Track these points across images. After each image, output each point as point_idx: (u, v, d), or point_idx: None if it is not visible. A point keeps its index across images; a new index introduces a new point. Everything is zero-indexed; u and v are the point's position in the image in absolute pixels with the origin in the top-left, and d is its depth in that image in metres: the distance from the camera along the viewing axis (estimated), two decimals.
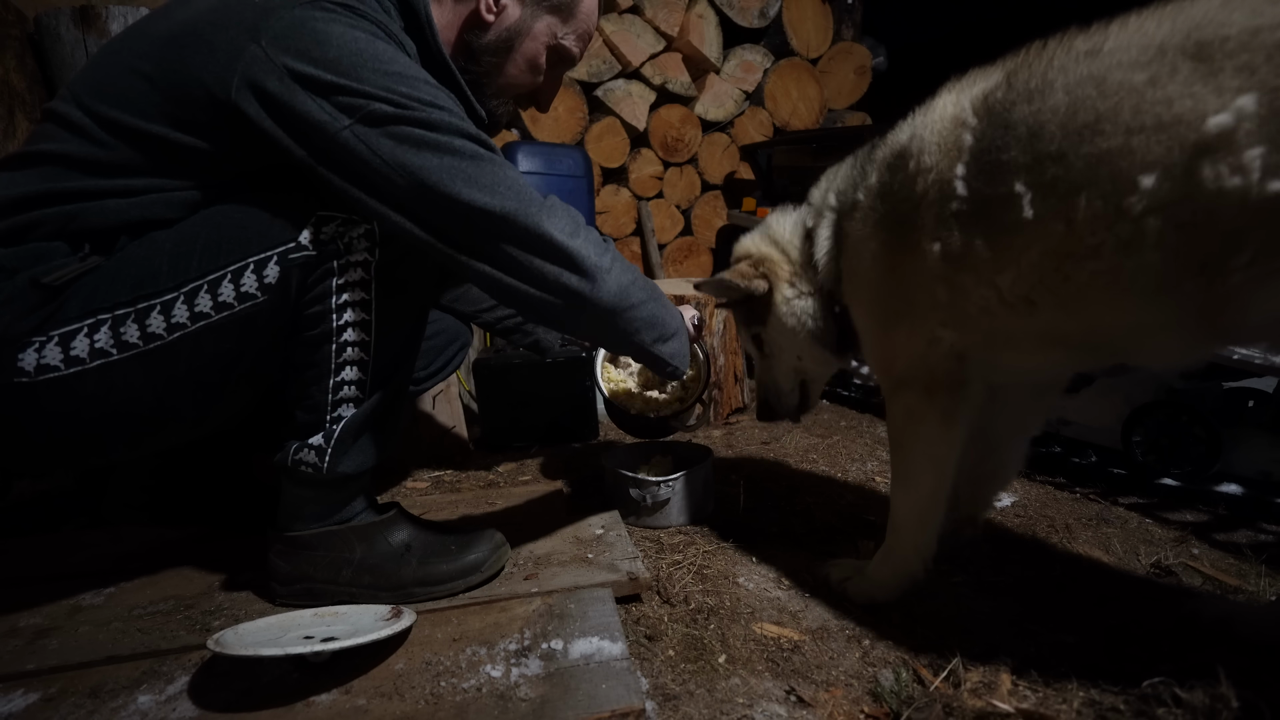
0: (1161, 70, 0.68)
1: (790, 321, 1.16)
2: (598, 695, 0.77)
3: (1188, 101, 0.66)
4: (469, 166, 0.83)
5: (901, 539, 1.03)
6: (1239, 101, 0.64)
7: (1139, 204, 0.70)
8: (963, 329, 0.91)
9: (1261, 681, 0.76)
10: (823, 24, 3.56)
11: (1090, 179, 0.73)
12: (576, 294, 0.89)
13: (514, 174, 0.88)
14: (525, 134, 3.01)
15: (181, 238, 0.86)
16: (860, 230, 1.00)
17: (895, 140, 0.96)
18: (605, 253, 0.93)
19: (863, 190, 1.00)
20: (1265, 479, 1.41)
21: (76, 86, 0.88)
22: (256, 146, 0.84)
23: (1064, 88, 0.75)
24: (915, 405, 0.98)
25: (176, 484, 1.30)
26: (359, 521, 1.01)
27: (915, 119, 0.94)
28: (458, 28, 1.03)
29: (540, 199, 0.88)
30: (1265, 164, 0.63)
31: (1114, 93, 0.71)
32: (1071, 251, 0.76)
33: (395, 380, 0.99)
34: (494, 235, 0.85)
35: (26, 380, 0.81)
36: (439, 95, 0.86)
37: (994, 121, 0.82)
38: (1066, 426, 1.70)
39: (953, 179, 0.85)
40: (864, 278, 1.02)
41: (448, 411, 1.89)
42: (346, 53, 0.81)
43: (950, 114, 0.88)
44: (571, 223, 0.90)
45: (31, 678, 0.84)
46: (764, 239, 1.21)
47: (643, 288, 0.98)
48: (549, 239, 0.86)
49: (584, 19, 1.08)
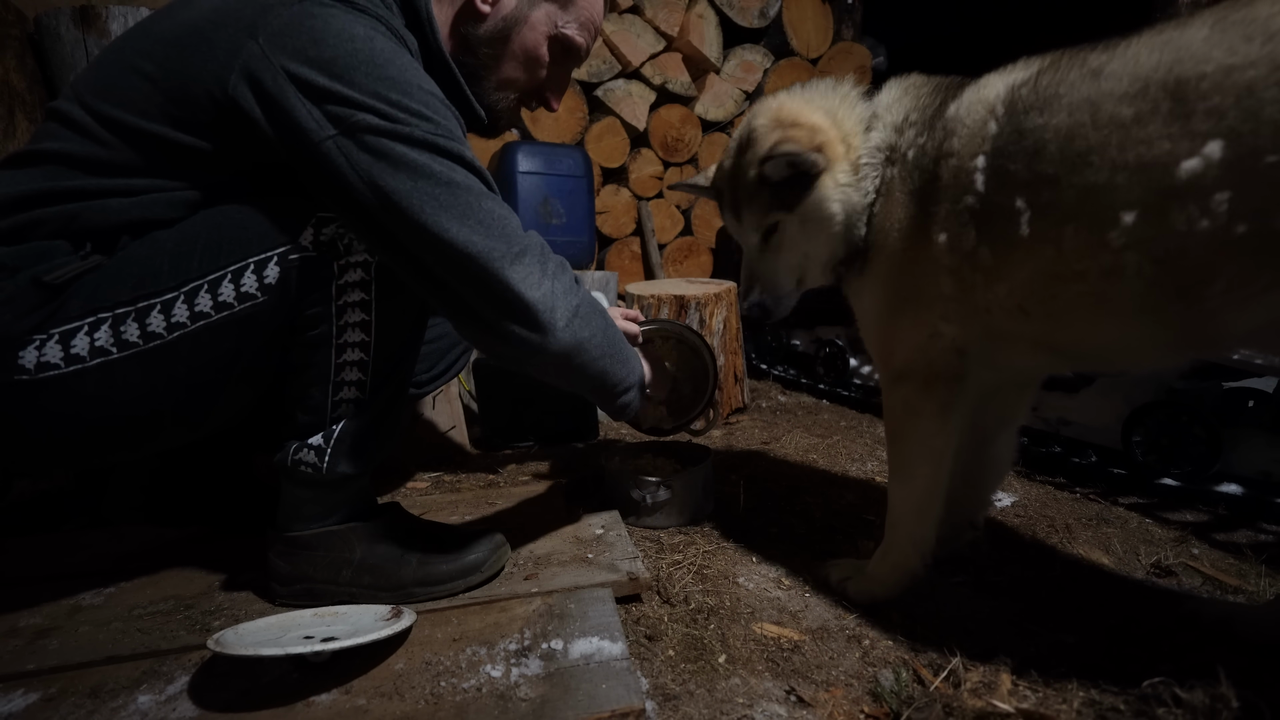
0: (1145, 107, 0.69)
1: (834, 209, 0.99)
2: (598, 695, 0.77)
3: (1165, 144, 0.68)
4: (443, 194, 0.81)
5: (899, 534, 1.03)
6: (1208, 148, 0.65)
7: (1120, 239, 0.72)
8: (964, 324, 0.92)
9: (1261, 681, 0.77)
10: (823, 24, 3.56)
11: (1079, 211, 0.74)
12: (525, 343, 0.87)
13: (491, 205, 0.85)
14: (525, 134, 3.01)
15: (182, 237, 0.86)
16: (895, 193, 0.95)
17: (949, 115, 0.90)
18: (570, 304, 0.90)
19: (914, 149, 0.93)
20: (1265, 479, 1.41)
21: (79, 86, 0.88)
22: (253, 143, 0.84)
23: (1068, 107, 0.76)
24: (913, 398, 0.98)
25: (176, 484, 1.30)
26: (359, 521, 1.01)
27: (965, 95, 0.89)
28: (455, 20, 1.02)
29: (514, 240, 0.85)
30: (1232, 209, 0.65)
31: (1105, 125, 0.72)
32: (1060, 273, 0.79)
33: (395, 381, 0.99)
34: (452, 269, 0.83)
35: (27, 378, 0.81)
36: (431, 103, 0.84)
37: (1013, 121, 0.81)
38: (1066, 426, 1.70)
39: (973, 171, 0.84)
40: (883, 249, 0.97)
41: (448, 412, 1.89)
42: (343, 52, 0.80)
43: (988, 99, 0.85)
44: (539, 270, 0.87)
45: (31, 678, 0.84)
46: (818, 109, 1.02)
47: (600, 343, 0.95)
48: (507, 288, 0.84)
49: (585, 7, 1.05)
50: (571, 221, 2.77)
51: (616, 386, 1.00)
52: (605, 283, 2.59)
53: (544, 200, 2.70)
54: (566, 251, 2.77)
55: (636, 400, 1.07)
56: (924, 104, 0.96)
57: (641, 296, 2.25)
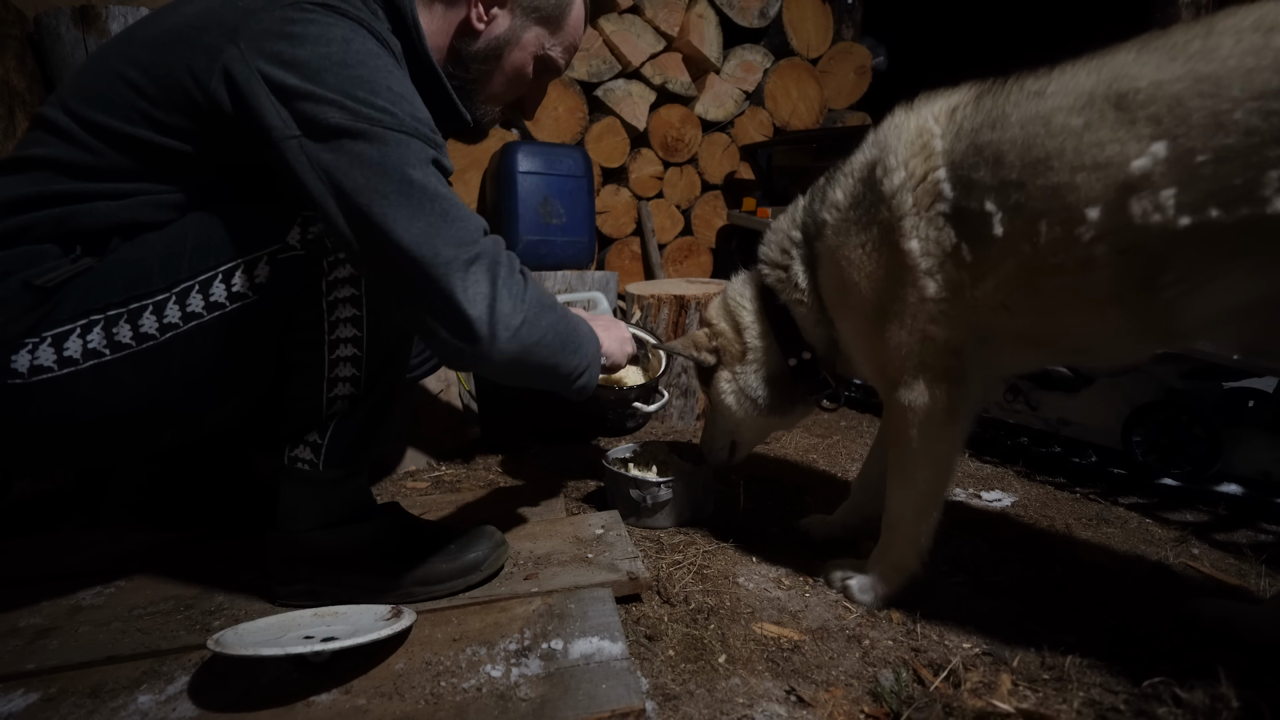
0: (1093, 116, 0.77)
1: (727, 400, 1.27)
2: (598, 695, 0.77)
3: (1115, 146, 0.75)
4: (396, 193, 0.79)
5: (899, 536, 1.03)
6: (1153, 148, 0.72)
7: (1088, 233, 0.78)
8: (953, 325, 0.93)
9: (1261, 681, 0.77)
10: (823, 24, 3.56)
11: (1049, 207, 0.80)
12: (461, 353, 0.85)
13: (446, 207, 0.81)
14: (525, 134, 3.01)
15: (172, 239, 0.87)
16: (834, 241, 1.04)
17: (856, 160, 1.02)
18: (516, 315, 0.85)
19: (828, 209, 1.05)
20: (1265, 479, 1.41)
21: (64, 92, 0.89)
22: (237, 145, 0.84)
23: (1019, 122, 0.83)
24: (916, 403, 0.98)
25: (175, 485, 1.31)
26: (358, 521, 1.00)
27: (871, 137, 1.01)
28: (449, 34, 1.03)
29: (466, 245, 0.81)
30: (1178, 202, 0.72)
31: (1058, 133, 0.79)
32: (1039, 267, 0.84)
33: (389, 375, 0.99)
34: (396, 271, 0.80)
35: (20, 382, 0.81)
36: (400, 103, 0.82)
37: (962, 137, 0.88)
38: (1066, 426, 1.70)
39: (937, 182, 0.90)
40: (845, 283, 1.04)
41: (448, 411, 1.89)
42: (317, 55, 0.80)
43: (914, 125, 0.94)
44: (487, 279, 0.82)
45: (31, 678, 0.84)
46: (725, 311, 1.29)
47: (550, 342, 0.91)
48: (449, 298, 0.80)
49: (571, 31, 1.09)
50: (571, 221, 2.76)
51: (569, 376, 0.97)
52: (605, 283, 2.59)
53: (544, 200, 2.70)
54: (566, 251, 2.77)
55: (592, 380, 1.03)
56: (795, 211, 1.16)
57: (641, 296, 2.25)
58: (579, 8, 1.09)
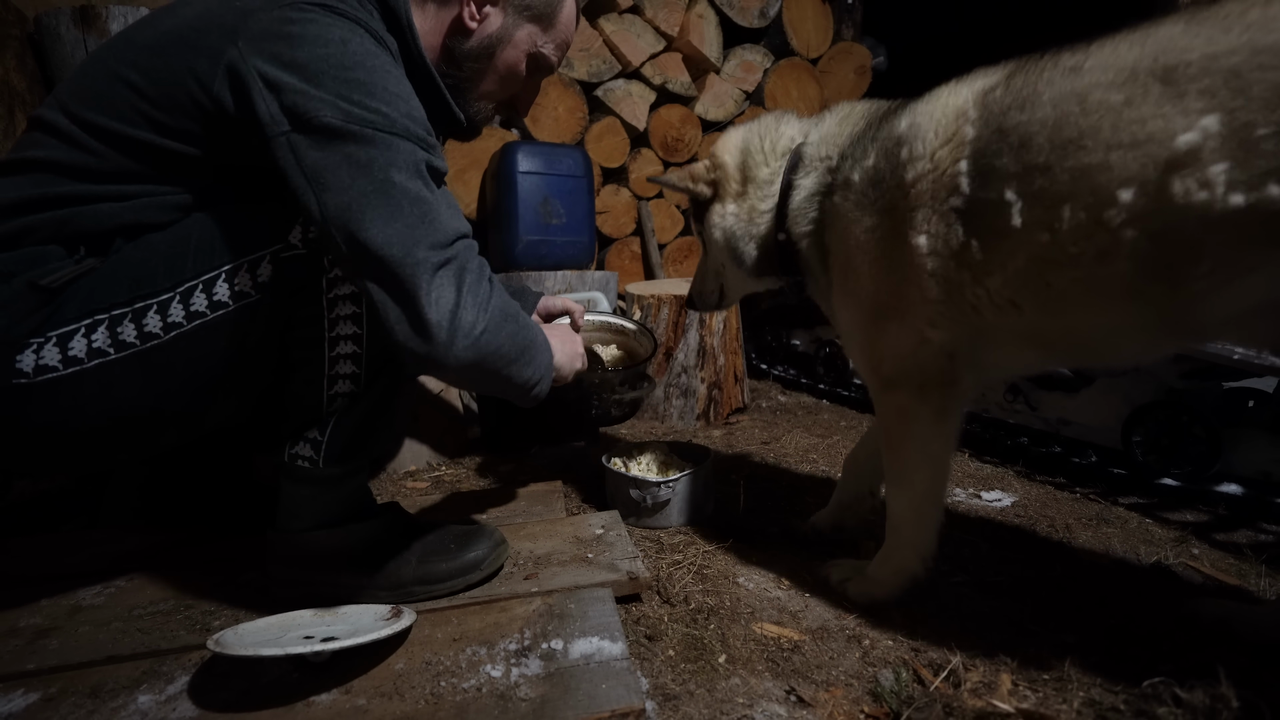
0: (1135, 91, 0.73)
1: (716, 235, 1.22)
2: (598, 695, 0.77)
3: (1159, 121, 0.71)
4: (375, 191, 0.79)
5: (901, 538, 1.03)
6: (1204, 121, 0.69)
7: (1118, 217, 0.74)
8: (952, 328, 0.92)
9: (1261, 681, 0.77)
10: (823, 24, 3.56)
11: (1074, 191, 0.77)
12: (416, 354, 0.84)
13: (425, 209, 0.81)
14: (525, 134, 3.01)
15: (175, 239, 0.87)
16: (851, 212, 1.00)
17: (895, 126, 0.95)
18: (476, 324, 0.84)
19: (859, 170, 0.99)
20: (1265, 479, 1.41)
21: (62, 95, 0.89)
22: (241, 145, 0.85)
23: (1051, 101, 0.79)
24: (908, 404, 0.98)
25: (175, 485, 1.31)
26: (358, 521, 1.01)
27: (916, 107, 0.94)
28: (442, 33, 1.03)
29: (438, 251, 0.81)
30: (1229, 179, 0.68)
31: (1095, 110, 0.75)
32: (1055, 259, 0.80)
33: (389, 373, 0.99)
34: (368, 269, 0.80)
35: (25, 381, 0.81)
36: (395, 103, 0.82)
37: (990, 123, 0.84)
38: (1066, 426, 1.70)
39: (956, 175, 0.86)
40: (849, 264, 1.01)
41: (448, 412, 1.89)
42: (315, 55, 0.80)
43: (954, 106, 0.89)
44: (453, 285, 0.82)
45: (31, 678, 0.84)
46: (738, 149, 1.19)
47: (507, 352, 0.89)
48: (412, 301, 0.80)
49: (563, 29, 1.10)
50: (571, 221, 2.76)
51: (523, 386, 0.96)
52: (605, 283, 2.59)
53: (544, 200, 2.70)
54: (567, 251, 2.77)
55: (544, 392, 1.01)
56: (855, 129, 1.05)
57: (641, 296, 2.25)
58: (570, 5, 1.09)
